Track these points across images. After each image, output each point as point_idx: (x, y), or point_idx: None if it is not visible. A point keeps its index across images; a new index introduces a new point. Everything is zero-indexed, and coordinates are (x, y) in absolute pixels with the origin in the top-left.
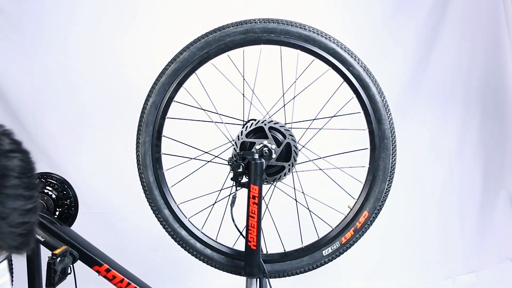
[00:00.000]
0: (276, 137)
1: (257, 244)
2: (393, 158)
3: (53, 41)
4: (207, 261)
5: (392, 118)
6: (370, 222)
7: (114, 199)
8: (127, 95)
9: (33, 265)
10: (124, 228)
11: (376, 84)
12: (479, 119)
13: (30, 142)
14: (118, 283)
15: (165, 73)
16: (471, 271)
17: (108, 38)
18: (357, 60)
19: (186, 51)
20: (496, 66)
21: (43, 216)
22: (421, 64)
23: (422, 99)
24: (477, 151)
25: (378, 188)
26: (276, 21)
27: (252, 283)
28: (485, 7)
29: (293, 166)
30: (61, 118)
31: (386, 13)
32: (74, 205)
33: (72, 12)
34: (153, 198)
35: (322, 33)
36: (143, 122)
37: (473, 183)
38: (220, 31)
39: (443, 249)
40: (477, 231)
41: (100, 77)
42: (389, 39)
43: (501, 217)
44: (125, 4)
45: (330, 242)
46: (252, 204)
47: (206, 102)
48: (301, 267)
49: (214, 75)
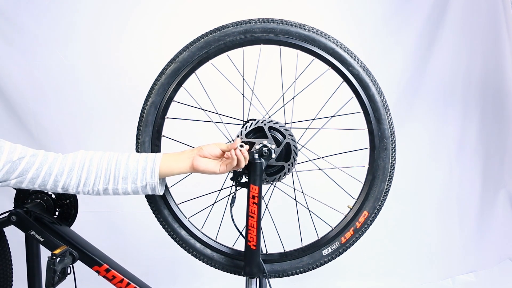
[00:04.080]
0: (275, 137)
1: (257, 244)
2: (393, 158)
3: (53, 41)
4: (206, 261)
5: (391, 118)
6: (370, 222)
7: (114, 199)
8: (127, 95)
9: (33, 265)
10: (124, 228)
11: (375, 84)
12: (478, 118)
13: (31, 141)
14: (118, 283)
15: (164, 73)
16: (470, 271)
17: (107, 38)
18: (357, 60)
19: (186, 51)
20: (495, 66)
21: (43, 216)
22: (421, 64)
23: (421, 99)
24: (477, 150)
25: (377, 188)
26: (275, 21)
27: (251, 283)
28: (484, 8)
29: (292, 166)
30: (61, 118)
31: (386, 13)
32: (74, 205)
33: (72, 12)
34: (153, 198)
35: (321, 33)
36: (142, 122)
37: (472, 183)
38: (220, 31)
39: (443, 249)
40: (476, 231)
41: (100, 77)
42: (389, 39)
43: (500, 217)
44: (125, 4)
45: (329, 242)
46: (251, 204)
47: (205, 102)
48: (301, 267)
49: (214, 75)
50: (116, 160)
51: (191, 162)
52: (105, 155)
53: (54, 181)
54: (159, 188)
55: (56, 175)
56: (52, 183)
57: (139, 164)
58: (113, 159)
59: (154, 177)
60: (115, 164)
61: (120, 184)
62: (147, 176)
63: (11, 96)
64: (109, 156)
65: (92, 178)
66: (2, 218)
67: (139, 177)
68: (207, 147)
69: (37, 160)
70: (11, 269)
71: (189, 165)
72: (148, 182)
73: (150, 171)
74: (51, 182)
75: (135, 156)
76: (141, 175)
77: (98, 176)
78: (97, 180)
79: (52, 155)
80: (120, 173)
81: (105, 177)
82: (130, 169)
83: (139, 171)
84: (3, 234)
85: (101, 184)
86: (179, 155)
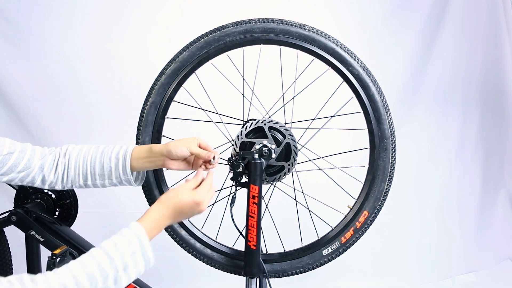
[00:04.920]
0: (275, 137)
1: (257, 244)
2: (393, 157)
3: (53, 41)
4: (206, 261)
5: (391, 118)
6: (370, 221)
7: (114, 199)
8: (127, 95)
9: (33, 265)
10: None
11: (375, 84)
12: (478, 118)
13: (31, 141)
14: None
15: (164, 73)
16: (470, 271)
17: (107, 38)
18: (357, 60)
19: (186, 51)
20: (495, 66)
21: (43, 216)
22: (421, 64)
23: (421, 98)
24: (477, 150)
25: (377, 188)
26: (275, 21)
27: (252, 283)
28: (484, 8)
29: (292, 166)
30: (61, 118)
31: (386, 13)
32: (73, 205)
33: (72, 11)
34: (153, 198)
35: (321, 33)
36: (142, 122)
37: (472, 183)
38: (220, 31)
39: (443, 248)
40: (476, 231)
41: (100, 76)
42: (389, 39)
43: (500, 217)
44: (125, 3)
45: (330, 241)
46: (252, 204)
47: (205, 102)
48: (301, 266)
49: (214, 75)
50: (91, 157)
51: (162, 163)
52: (82, 151)
53: (42, 180)
54: (133, 183)
55: (44, 175)
56: (40, 182)
57: (111, 161)
58: (88, 156)
59: (126, 174)
60: (90, 161)
61: (98, 180)
62: (120, 173)
63: (11, 96)
64: (85, 152)
65: (72, 175)
66: (2, 218)
67: (113, 174)
68: (175, 149)
69: (25, 156)
70: (11, 269)
71: (162, 165)
72: (122, 179)
73: (121, 168)
74: (39, 181)
75: (108, 153)
76: (115, 171)
77: (77, 173)
78: (76, 177)
79: (39, 151)
80: (95, 170)
81: (82, 174)
82: (104, 167)
83: (113, 169)
84: (3, 234)
85: (81, 180)
86: (150, 154)
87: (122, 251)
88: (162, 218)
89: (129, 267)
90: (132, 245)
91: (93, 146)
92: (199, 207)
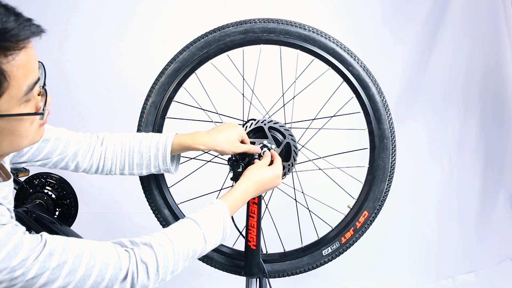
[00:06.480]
0: (275, 137)
1: (257, 244)
2: (393, 157)
3: (53, 41)
4: (206, 261)
5: (391, 118)
6: (370, 221)
7: (114, 199)
8: (127, 95)
9: None
10: (124, 228)
11: (375, 84)
12: (478, 118)
13: None
14: None
15: (164, 73)
16: (470, 271)
17: (107, 38)
18: (357, 60)
19: (186, 51)
20: (495, 66)
21: (43, 216)
22: (421, 64)
23: (422, 98)
24: (477, 150)
25: (377, 188)
26: (275, 21)
27: (252, 283)
28: (484, 8)
29: (292, 166)
30: (61, 118)
31: (386, 13)
32: (74, 205)
33: (72, 11)
34: (153, 198)
35: (321, 33)
36: (142, 122)
37: (472, 183)
38: (220, 31)
39: (443, 248)
40: (476, 231)
41: (100, 77)
42: (389, 39)
43: (500, 217)
44: (125, 3)
45: (329, 242)
46: (251, 204)
47: (205, 102)
48: (301, 267)
49: (214, 75)
50: (129, 147)
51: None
52: (118, 140)
53: (76, 166)
54: (172, 171)
55: (78, 162)
56: (74, 168)
57: (150, 151)
58: (126, 146)
59: (166, 163)
60: (129, 151)
61: (135, 169)
62: (160, 162)
63: None
64: (122, 142)
65: (108, 164)
66: None
67: (152, 164)
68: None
69: (60, 143)
70: None
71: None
72: (161, 168)
73: (161, 158)
74: (73, 166)
75: (146, 142)
76: (154, 161)
77: (114, 163)
78: (113, 166)
79: (74, 137)
80: (133, 160)
81: (120, 164)
82: (143, 156)
83: (152, 158)
84: None
85: (117, 170)
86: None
87: (208, 222)
88: (246, 192)
89: (211, 238)
90: (216, 220)
91: (129, 135)
92: (279, 180)
